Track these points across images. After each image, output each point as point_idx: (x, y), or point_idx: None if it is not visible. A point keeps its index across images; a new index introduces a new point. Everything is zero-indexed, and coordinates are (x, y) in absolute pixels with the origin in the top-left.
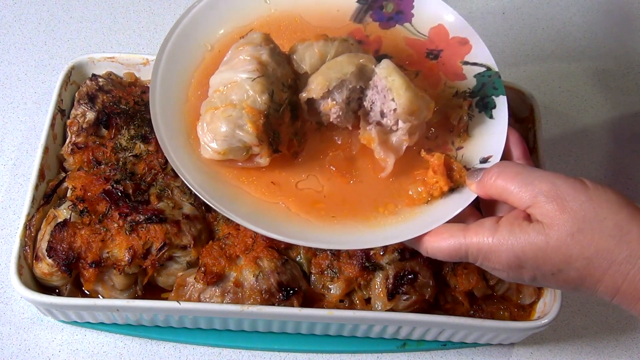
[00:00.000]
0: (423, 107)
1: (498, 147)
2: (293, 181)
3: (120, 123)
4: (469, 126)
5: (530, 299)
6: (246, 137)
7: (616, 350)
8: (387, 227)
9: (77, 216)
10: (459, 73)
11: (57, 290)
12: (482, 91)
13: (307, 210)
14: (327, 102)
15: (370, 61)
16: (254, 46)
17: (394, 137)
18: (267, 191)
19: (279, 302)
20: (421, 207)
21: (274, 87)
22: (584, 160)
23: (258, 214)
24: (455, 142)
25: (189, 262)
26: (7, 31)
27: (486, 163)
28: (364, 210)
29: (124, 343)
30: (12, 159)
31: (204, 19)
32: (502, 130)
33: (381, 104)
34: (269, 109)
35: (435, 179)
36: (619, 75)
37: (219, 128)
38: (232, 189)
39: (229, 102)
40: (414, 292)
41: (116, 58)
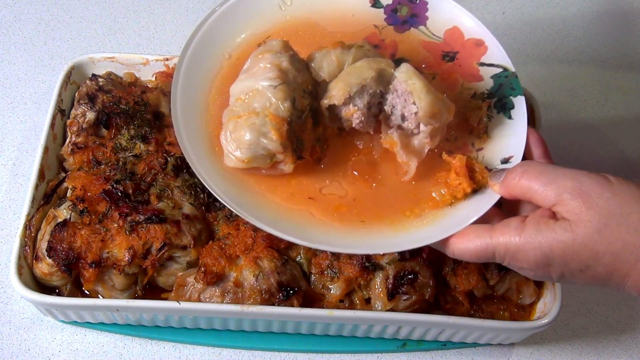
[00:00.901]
0: (444, 110)
1: (519, 148)
2: (317, 187)
3: (120, 123)
4: (488, 127)
5: (530, 299)
6: (270, 145)
7: (616, 350)
8: (412, 230)
9: (77, 216)
10: (475, 74)
11: (57, 290)
12: (500, 92)
13: (332, 215)
14: (349, 108)
15: (389, 65)
16: (274, 54)
17: (415, 140)
18: (291, 198)
19: (279, 302)
20: (445, 209)
21: (295, 94)
22: (584, 160)
23: (283, 220)
24: (475, 143)
25: (189, 262)
26: (7, 31)
27: (507, 163)
28: (388, 214)
29: (124, 343)
30: (12, 159)
31: (220, 27)
32: (522, 130)
33: (402, 108)
34: (291, 116)
35: (458, 181)
36: (619, 75)
37: (242, 136)
38: (256, 197)
39: (251, 110)
40: (414, 292)
41: (116, 58)
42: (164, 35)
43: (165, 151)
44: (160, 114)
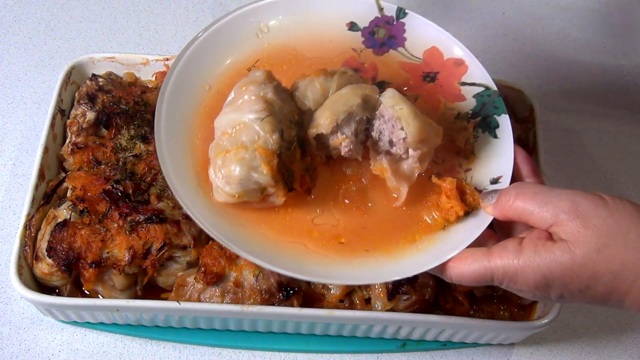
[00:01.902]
0: (432, 134)
1: (507, 167)
2: (309, 218)
3: (120, 123)
4: (474, 147)
5: None
6: (261, 179)
7: (616, 350)
8: (407, 257)
9: (77, 216)
10: (457, 94)
11: (57, 290)
12: (484, 111)
13: (326, 246)
14: (337, 136)
15: (374, 91)
16: (258, 85)
17: (404, 165)
18: (284, 230)
19: (279, 302)
20: (438, 233)
21: (283, 125)
22: (584, 160)
23: (277, 254)
24: (462, 164)
25: (189, 262)
26: (7, 31)
27: (497, 183)
28: (382, 241)
29: (124, 343)
30: (12, 159)
31: (198, 59)
32: (509, 149)
33: (389, 134)
34: (280, 148)
35: (450, 204)
36: (619, 76)
37: (232, 171)
38: (247, 231)
39: (240, 145)
40: (414, 292)
41: (116, 58)
42: (164, 35)
43: None
44: None
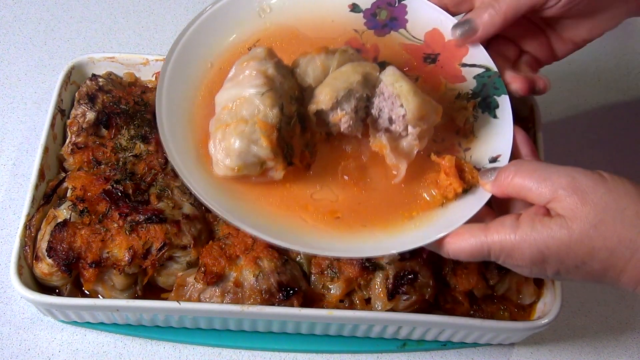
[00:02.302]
0: (431, 112)
1: (506, 146)
2: (308, 193)
3: (120, 123)
4: (474, 127)
5: (530, 299)
6: (261, 152)
7: (616, 350)
8: (405, 232)
9: (77, 216)
10: (458, 75)
11: (57, 290)
12: (484, 92)
13: (324, 220)
14: (337, 113)
15: (374, 69)
16: (259, 61)
17: (404, 142)
18: (282, 205)
19: (279, 302)
20: (436, 210)
21: (283, 100)
22: (583, 160)
23: (276, 226)
24: (462, 143)
25: (189, 262)
26: (7, 31)
27: (496, 162)
28: (380, 217)
29: (124, 343)
30: (12, 159)
31: (201, 37)
32: (508, 128)
33: (389, 111)
34: (280, 122)
35: (449, 182)
36: (619, 75)
37: (232, 144)
38: (247, 204)
39: (240, 118)
40: (414, 292)
41: (116, 58)
42: (164, 35)
43: (166, 151)
44: None
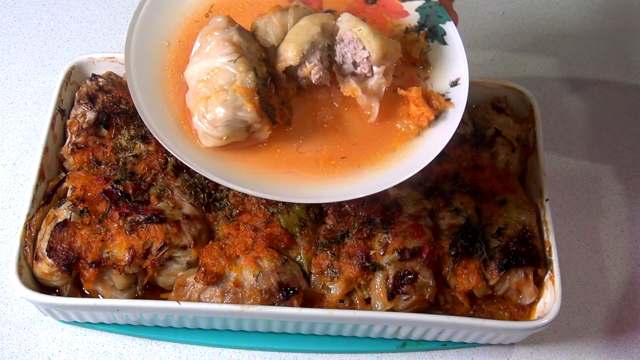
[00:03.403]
0: (393, 49)
1: (463, 68)
2: (294, 147)
3: (120, 123)
4: (428, 57)
5: (530, 299)
6: (247, 117)
7: (616, 350)
8: (392, 166)
9: (77, 216)
10: (400, 11)
11: (57, 290)
12: (429, 22)
13: (315, 170)
14: (305, 66)
15: (329, 18)
16: (222, 30)
17: (371, 82)
18: (273, 164)
19: (279, 302)
20: (415, 139)
21: (254, 63)
22: (584, 160)
23: (270, 184)
24: (420, 74)
25: (189, 262)
26: (7, 31)
27: (457, 85)
28: (366, 156)
29: (124, 343)
30: (12, 159)
31: (152, 19)
32: (460, 52)
33: (352, 55)
34: (258, 86)
35: (420, 111)
36: (618, 75)
37: (217, 114)
38: (239, 170)
39: (218, 88)
40: (414, 292)
41: (116, 58)
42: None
43: (165, 151)
44: None
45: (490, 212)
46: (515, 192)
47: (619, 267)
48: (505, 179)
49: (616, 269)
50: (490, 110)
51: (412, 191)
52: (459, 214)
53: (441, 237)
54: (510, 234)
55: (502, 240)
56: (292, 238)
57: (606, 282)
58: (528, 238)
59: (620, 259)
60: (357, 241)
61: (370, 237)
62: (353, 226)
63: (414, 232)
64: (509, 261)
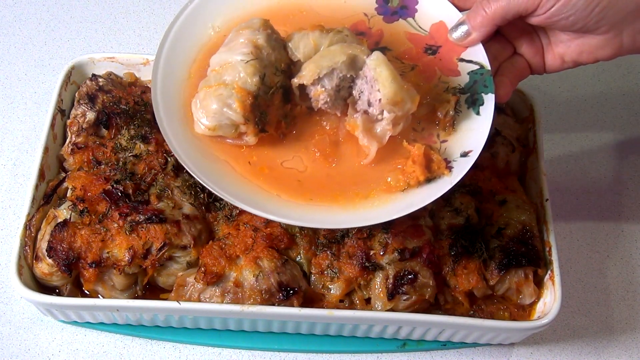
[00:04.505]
0: (407, 99)
1: (479, 142)
2: (278, 160)
3: (120, 123)
4: (455, 121)
5: (530, 299)
6: (233, 116)
7: (616, 350)
8: (360, 210)
9: (77, 216)
10: (454, 69)
11: (57, 290)
12: (473, 88)
13: (287, 189)
14: (317, 89)
15: (363, 52)
16: (252, 30)
17: (378, 126)
18: (250, 168)
19: (279, 302)
20: (396, 194)
21: (267, 70)
22: (584, 160)
23: (240, 189)
24: (440, 135)
25: (189, 262)
26: (7, 31)
27: (466, 157)
28: (341, 193)
29: (124, 343)
30: (12, 159)
31: (212, 4)
32: (486, 126)
33: (369, 94)
34: (258, 91)
35: (413, 169)
36: (619, 75)
37: (209, 105)
38: (220, 165)
39: (221, 82)
40: (414, 292)
41: (116, 58)
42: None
43: (165, 151)
44: None
45: (490, 212)
46: (515, 192)
47: (619, 267)
48: (505, 179)
49: (616, 269)
50: None
51: None
52: (459, 214)
53: (441, 237)
54: (510, 234)
55: (502, 240)
56: (292, 238)
57: (606, 282)
58: (528, 238)
59: (620, 259)
60: (357, 241)
61: (370, 237)
62: None
63: (414, 232)
64: (509, 261)
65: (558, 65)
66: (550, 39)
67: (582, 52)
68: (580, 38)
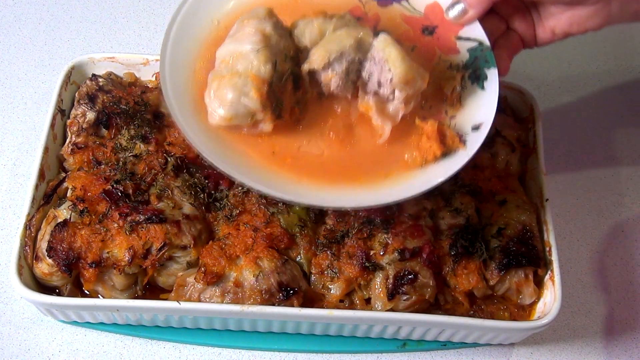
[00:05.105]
0: (418, 77)
1: (489, 115)
2: (295, 146)
3: (120, 123)
4: (461, 97)
5: (530, 299)
6: (250, 103)
7: (616, 350)
8: (383, 189)
9: (77, 216)
10: (453, 48)
11: (57, 290)
12: (475, 64)
13: (308, 171)
14: (328, 73)
15: (368, 35)
16: (259, 20)
17: (390, 105)
18: (271, 156)
19: (279, 302)
20: (415, 171)
21: (277, 57)
22: (584, 160)
23: (262, 175)
24: (448, 111)
25: (189, 262)
26: (7, 31)
27: (477, 130)
28: (360, 174)
29: (124, 343)
30: (12, 159)
31: None
32: (493, 99)
33: (378, 75)
34: (272, 78)
35: (429, 144)
36: (619, 75)
37: (225, 95)
38: (238, 155)
39: (234, 71)
40: (414, 292)
41: (116, 58)
42: (164, 36)
43: (165, 151)
44: (160, 114)
45: (490, 212)
46: (515, 192)
47: (619, 267)
48: (505, 179)
49: (616, 269)
50: None
51: None
52: (459, 214)
53: (441, 237)
54: (510, 234)
55: (502, 241)
56: (292, 238)
57: (606, 282)
58: (528, 238)
59: (620, 259)
60: (357, 241)
61: (370, 237)
62: (353, 226)
63: (414, 232)
64: (509, 261)
65: (549, 38)
66: (541, 13)
67: (572, 24)
68: (570, 10)
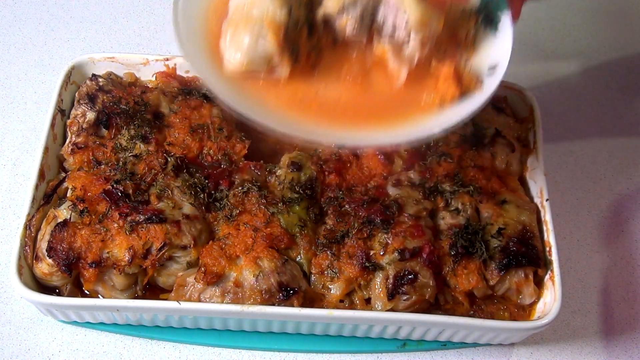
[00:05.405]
0: (433, 19)
1: (504, 57)
2: (313, 91)
3: (120, 123)
4: (475, 40)
5: (530, 299)
6: (268, 47)
7: (616, 350)
8: (401, 129)
9: (77, 216)
10: None
11: (57, 290)
12: (487, 8)
13: (328, 115)
14: (342, 17)
15: None
16: None
17: (406, 49)
18: (288, 100)
19: (279, 302)
20: (433, 112)
21: (292, 3)
22: (584, 160)
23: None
24: (463, 55)
25: (189, 262)
26: (7, 31)
27: (493, 70)
28: (379, 116)
29: (124, 343)
30: (12, 159)
31: None
32: (507, 41)
33: (393, 18)
34: (287, 23)
35: (447, 85)
36: (619, 75)
37: (242, 40)
38: (256, 100)
39: (250, 17)
40: (414, 292)
41: (116, 58)
42: (164, 35)
43: (165, 151)
44: (160, 114)
45: (490, 212)
46: (515, 192)
47: (619, 267)
48: (505, 179)
49: (616, 269)
50: (490, 110)
51: (412, 191)
52: (459, 214)
53: (441, 237)
54: (510, 234)
55: (502, 241)
56: (292, 238)
57: (606, 282)
58: (528, 238)
59: (620, 259)
60: (357, 241)
61: (370, 237)
62: (353, 226)
63: (414, 232)
64: (509, 261)
65: None
66: None
67: None
68: None
